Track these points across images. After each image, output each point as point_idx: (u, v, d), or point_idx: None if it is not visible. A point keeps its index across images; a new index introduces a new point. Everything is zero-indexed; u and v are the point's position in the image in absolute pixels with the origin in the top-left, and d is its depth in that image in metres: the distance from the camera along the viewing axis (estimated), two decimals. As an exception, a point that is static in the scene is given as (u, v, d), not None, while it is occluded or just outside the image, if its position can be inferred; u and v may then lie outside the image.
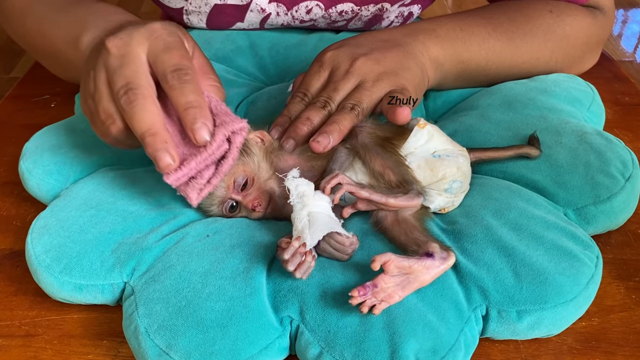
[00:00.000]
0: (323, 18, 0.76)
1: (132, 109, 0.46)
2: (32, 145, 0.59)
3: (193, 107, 0.46)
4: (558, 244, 0.47)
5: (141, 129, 0.46)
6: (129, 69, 0.47)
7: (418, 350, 0.41)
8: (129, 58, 0.47)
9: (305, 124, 0.54)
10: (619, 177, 0.53)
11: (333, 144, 0.51)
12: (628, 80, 0.78)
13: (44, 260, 0.48)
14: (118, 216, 0.50)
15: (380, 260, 0.42)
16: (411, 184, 0.48)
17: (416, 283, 0.43)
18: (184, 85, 0.46)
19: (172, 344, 0.42)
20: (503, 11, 0.68)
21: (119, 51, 0.48)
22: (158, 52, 0.48)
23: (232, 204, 0.51)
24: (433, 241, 0.45)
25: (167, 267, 0.46)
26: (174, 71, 0.46)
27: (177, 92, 0.46)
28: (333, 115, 0.54)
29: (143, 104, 0.46)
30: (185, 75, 0.46)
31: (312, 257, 0.44)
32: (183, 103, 0.46)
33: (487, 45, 0.65)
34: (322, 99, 0.56)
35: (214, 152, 0.46)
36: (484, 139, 0.59)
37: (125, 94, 0.46)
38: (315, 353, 0.42)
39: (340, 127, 0.52)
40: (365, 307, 0.41)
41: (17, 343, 0.47)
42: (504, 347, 0.46)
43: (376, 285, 0.42)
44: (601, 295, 0.49)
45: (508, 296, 0.44)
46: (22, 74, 0.85)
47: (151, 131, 0.45)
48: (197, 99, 0.46)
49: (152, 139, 0.45)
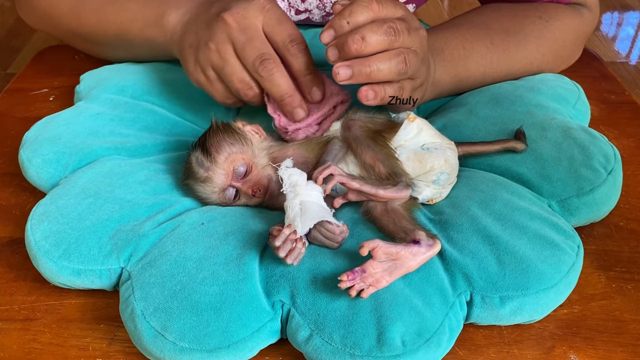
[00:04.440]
0: (318, 9, 0.78)
1: (271, 76, 0.54)
2: (32, 135, 0.60)
3: (311, 72, 0.55)
4: (541, 233, 0.49)
5: (280, 92, 0.54)
6: (259, 41, 0.54)
7: (404, 333, 0.42)
8: (252, 31, 0.55)
9: (358, 43, 0.48)
10: (601, 170, 0.55)
11: (379, 101, 0.50)
12: (615, 79, 0.79)
13: (43, 245, 0.49)
14: (116, 204, 0.52)
15: (369, 246, 0.43)
16: (400, 177, 0.50)
17: (403, 269, 0.44)
18: (301, 54, 0.55)
19: (167, 325, 0.43)
20: (496, 18, 0.70)
21: (240, 25, 0.55)
22: (273, 24, 0.55)
23: (233, 190, 0.53)
24: (420, 229, 0.46)
25: (163, 253, 0.48)
26: (292, 41, 0.55)
27: (298, 60, 0.55)
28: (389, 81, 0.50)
29: (279, 72, 0.54)
30: (301, 44, 0.55)
31: (302, 244, 0.46)
32: (302, 70, 0.55)
33: (485, 60, 0.67)
34: (396, 25, 0.49)
35: (324, 114, 0.57)
36: (471, 133, 0.60)
37: (262, 64, 0.54)
38: (305, 335, 0.44)
39: (385, 94, 0.50)
40: (354, 290, 0.43)
41: (16, 327, 0.49)
42: (488, 333, 0.48)
43: (364, 270, 0.43)
44: (583, 284, 0.51)
45: (491, 283, 0.46)
46: (19, 71, 0.86)
47: (289, 93, 0.55)
48: (312, 66, 0.55)
49: (290, 99, 0.55)
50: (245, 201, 0.54)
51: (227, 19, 0.55)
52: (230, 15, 0.55)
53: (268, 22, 0.55)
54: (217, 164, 0.52)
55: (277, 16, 0.55)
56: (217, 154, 0.52)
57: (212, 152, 0.52)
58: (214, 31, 0.55)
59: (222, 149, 0.52)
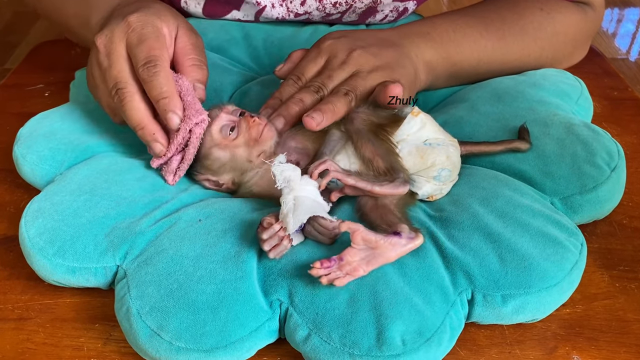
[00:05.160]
0: (317, 10, 0.77)
1: (122, 107, 0.52)
2: (26, 131, 0.59)
3: (163, 98, 0.51)
4: (543, 231, 0.48)
5: (132, 124, 0.52)
6: (115, 69, 0.52)
7: (404, 331, 0.42)
8: (114, 57, 0.53)
9: (298, 104, 0.55)
10: (604, 167, 0.54)
11: (325, 123, 0.52)
12: (617, 76, 0.79)
13: (37, 242, 0.48)
14: (112, 201, 0.51)
15: (349, 226, 0.43)
16: (398, 173, 0.49)
17: (381, 258, 0.44)
18: (153, 78, 0.51)
19: (163, 325, 0.43)
20: (495, 9, 0.69)
21: (106, 49, 0.53)
22: (133, 46, 0.52)
23: (232, 125, 0.53)
24: (404, 222, 0.46)
25: (159, 251, 0.47)
26: (144, 65, 0.51)
27: (149, 86, 0.51)
28: (327, 97, 0.55)
29: (130, 102, 0.52)
30: (153, 68, 0.51)
31: (288, 241, 0.45)
32: (154, 95, 0.51)
33: (478, 45, 0.66)
34: (316, 84, 0.56)
35: (179, 142, 0.52)
36: (473, 130, 0.60)
37: (116, 94, 0.52)
38: (303, 335, 0.43)
39: (334, 108, 0.53)
40: (326, 279, 0.42)
41: (10, 326, 0.48)
42: (490, 333, 0.47)
43: (342, 258, 0.43)
44: (585, 283, 0.50)
45: (493, 281, 0.45)
46: (15, 66, 0.85)
47: (140, 126, 0.52)
48: (167, 90, 0.51)
49: (142, 132, 0.52)
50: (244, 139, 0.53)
51: (97, 42, 0.53)
52: (99, 37, 0.53)
53: (129, 43, 0.52)
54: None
55: (139, 36, 0.52)
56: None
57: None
58: (90, 55, 0.55)
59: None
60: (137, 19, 0.53)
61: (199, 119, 0.51)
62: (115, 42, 0.53)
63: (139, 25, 0.53)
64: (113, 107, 0.54)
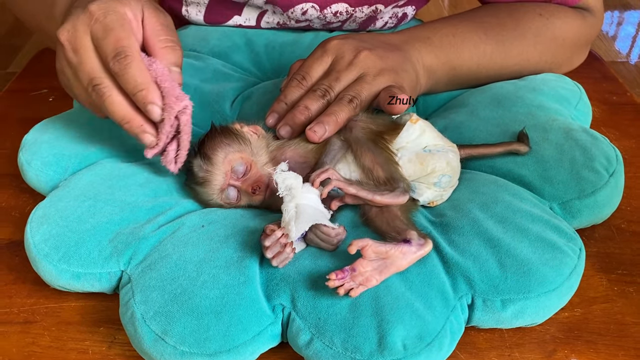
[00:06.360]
0: (318, 19, 0.78)
1: (103, 104, 0.50)
2: (31, 137, 0.60)
3: (139, 90, 0.48)
4: (542, 236, 0.48)
5: (116, 119, 0.50)
6: (87, 65, 0.50)
7: (405, 336, 0.42)
8: (82, 52, 0.50)
9: (303, 113, 0.55)
10: (603, 172, 0.54)
11: (328, 134, 0.53)
12: (616, 80, 0.79)
13: (42, 248, 0.49)
14: (116, 207, 0.51)
15: (357, 245, 0.43)
16: (398, 182, 0.50)
17: (393, 267, 0.44)
18: (126, 71, 0.48)
19: (167, 329, 0.43)
20: (494, 14, 0.69)
21: (72, 45, 0.50)
22: (98, 39, 0.49)
23: (234, 191, 0.53)
24: (412, 229, 0.46)
25: (163, 256, 0.48)
26: (113, 58, 0.48)
27: (122, 79, 0.48)
28: (331, 106, 0.54)
29: (110, 98, 0.49)
30: (124, 60, 0.48)
31: (291, 248, 0.46)
32: (130, 89, 0.48)
33: (478, 50, 0.66)
34: (323, 87, 0.56)
35: (168, 130, 0.50)
36: (472, 135, 0.60)
37: (94, 90, 0.49)
38: (306, 339, 0.43)
39: (337, 118, 0.53)
40: (342, 289, 0.43)
41: (16, 330, 0.48)
42: (489, 336, 0.48)
43: (354, 269, 0.43)
44: (584, 287, 0.50)
45: (493, 285, 0.46)
46: (19, 70, 0.85)
47: (125, 120, 0.50)
48: (142, 82, 0.48)
49: (128, 126, 0.50)
50: (247, 201, 0.54)
51: (61, 38, 0.50)
52: (62, 33, 0.50)
53: (94, 35, 0.49)
54: (215, 165, 0.52)
55: (104, 27, 0.49)
56: (214, 155, 0.52)
57: (209, 154, 0.52)
58: (57, 52, 0.51)
59: (218, 150, 0.52)
60: (98, 7, 0.49)
61: (180, 106, 0.49)
62: (79, 37, 0.49)
63: (101, 14, 0.49)
64: (93, 103, 0.52)
